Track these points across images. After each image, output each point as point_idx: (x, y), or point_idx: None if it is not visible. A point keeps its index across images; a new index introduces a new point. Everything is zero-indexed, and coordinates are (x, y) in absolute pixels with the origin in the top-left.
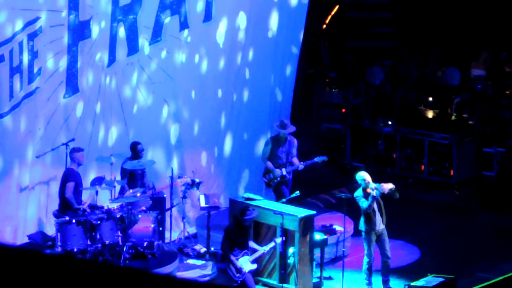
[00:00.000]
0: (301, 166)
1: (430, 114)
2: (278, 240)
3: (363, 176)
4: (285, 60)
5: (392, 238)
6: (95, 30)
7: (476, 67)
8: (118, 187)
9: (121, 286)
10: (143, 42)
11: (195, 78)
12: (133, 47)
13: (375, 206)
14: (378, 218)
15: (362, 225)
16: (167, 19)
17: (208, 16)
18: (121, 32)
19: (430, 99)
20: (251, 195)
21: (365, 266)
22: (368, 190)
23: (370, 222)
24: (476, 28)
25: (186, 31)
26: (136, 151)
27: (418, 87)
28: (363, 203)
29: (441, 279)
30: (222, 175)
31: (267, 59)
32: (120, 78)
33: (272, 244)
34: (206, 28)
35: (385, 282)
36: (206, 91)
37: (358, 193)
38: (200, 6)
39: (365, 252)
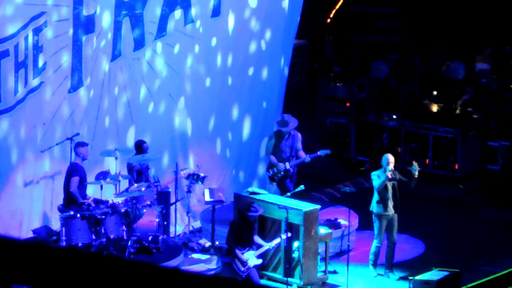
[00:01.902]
0: (307, 158)
1: (434, 108)
2: (284, 236)
3: (387, 157)
4: (293, 36)
5: (397, 232)
6: (100, 24)
7: (481, 61)
8: (123, 182)
9: (126, 279)
10: (149, 36)
11: (202, 71)
12: (139, 42)
13: (389, 189)
14: (390, 202)
15: (373, 206)
16: (172, 14)
17: (216, 11)
18: (127, 26)
19: (435, 93)
20: (256, 189)
21: (373, 249)
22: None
23: (381, 203)
24: (481, 22)
25: (192, 25)
26: (141, 149)
27: (422, 81)
28: (375, 182)
29: (445, 273)
30: (240, 158)
31: (279, 37)
32: (126, 72)
33: (277, 240)
34: (215, 21)
35: (389, 268)
36: (214, 85)
37: (376, 172)
38: (211, 2)
39: (375, 234)
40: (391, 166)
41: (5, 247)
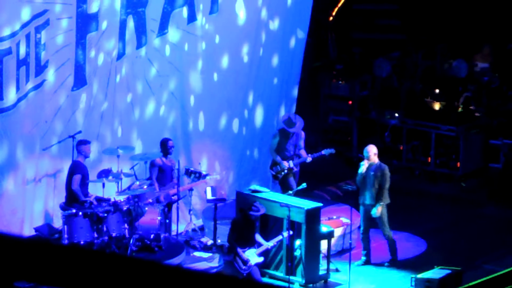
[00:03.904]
0: (309, 158)
1: (436, 106)
2: (286, 234)
3: (366, 149)
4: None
5: (399, 230)
6: (103, 23)
7: (480, 60)
8: (124, 180)
9: (128, 276)
10: (150, 34)
11: (207, 68)
12: (141, 40)
13: (367, 180)
14: (368, 193)
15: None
16: (174, 11)
17: (214, 8)
18: (130, 25)
19: (437, 91)
20: (258, 187)
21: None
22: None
23: (360, 193)
24: (482, 20)
25: (195, 22)
26: (166, 147)
27: (424, 79)
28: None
29: (448, 271)
30: (254, 137)
31: (288, 18)
32: (129, 71)
33: (279, 238)
34: (220, 17)
35: (391, 262)
36: (222, 79)
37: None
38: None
39: None
40: (371, 157)
41: (8, 244)
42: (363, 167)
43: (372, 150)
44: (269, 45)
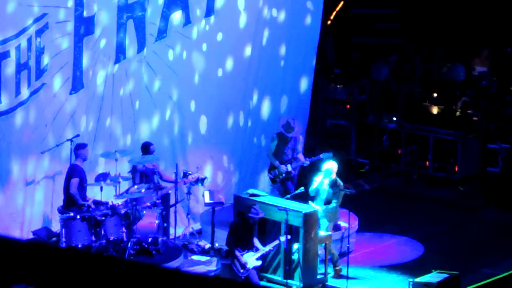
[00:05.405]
0: (306, 162)
1: (435, 110)
2: (283, 238)
3: (328, 169)
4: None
5: (396, 234)
6: (101, 26)
7: (478, 64)
8: (122, 183)
9: (126, 279)
10: (149, 38)
11: (206, 71)
12: (141, 44)
13: (320, 194)
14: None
15: None
16: (172, 15)
17: (210, 11)
18: (131, 28)
19: (435, 95)
20: (256, 191)
21: None
22: None
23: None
24: (481, 24)
25: (190, 25)
26: (148, 151)
27: (423, 83)
28: None
29: (445, 275)
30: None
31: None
32: (128, 74)
33: (276, 242)
34: (222, 18)
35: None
36: (224, 82)
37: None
38: (205, 2)
39: None
40: (333, 175)
41: (6, 247)
42: (323, 184)
43: (334, 169)
44: (274, 36)
